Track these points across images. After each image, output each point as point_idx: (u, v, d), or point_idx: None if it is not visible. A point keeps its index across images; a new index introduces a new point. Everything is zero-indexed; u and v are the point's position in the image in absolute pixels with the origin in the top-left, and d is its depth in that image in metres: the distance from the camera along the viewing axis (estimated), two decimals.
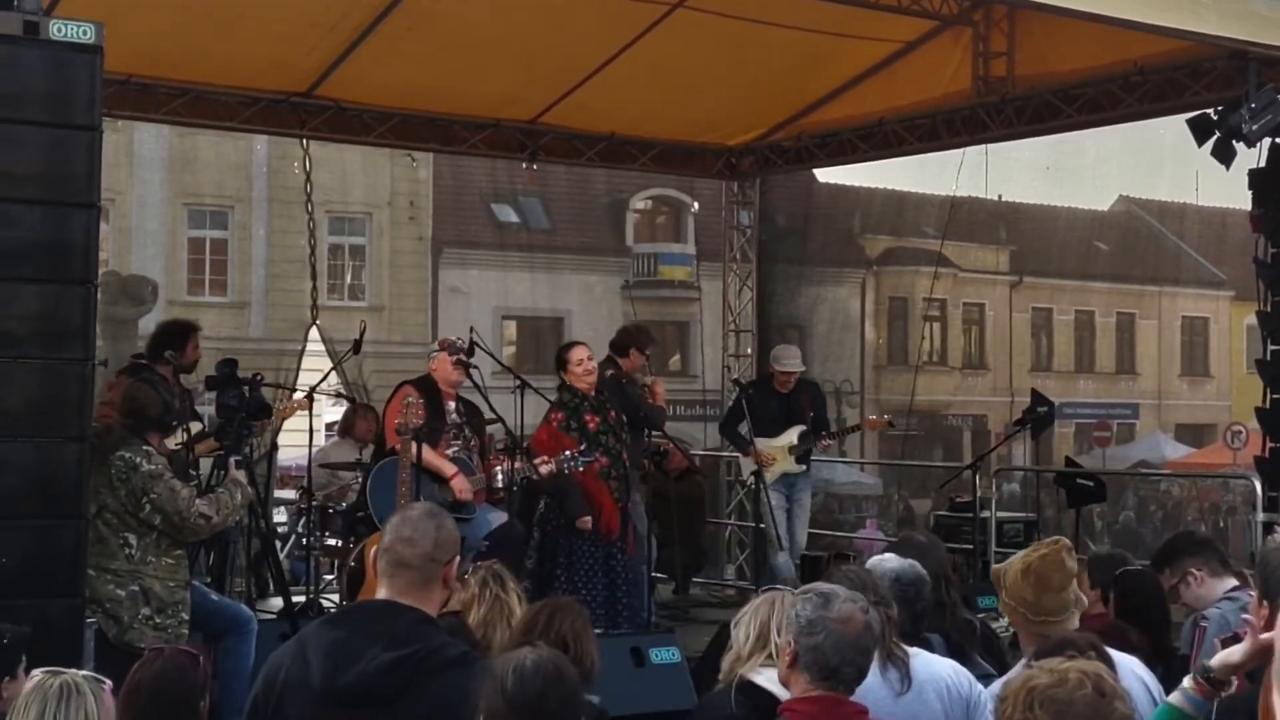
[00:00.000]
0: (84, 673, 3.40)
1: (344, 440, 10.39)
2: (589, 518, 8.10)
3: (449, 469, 7.72)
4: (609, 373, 8.80)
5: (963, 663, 4.38)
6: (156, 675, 3.97)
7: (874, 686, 3.83)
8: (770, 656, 3.90)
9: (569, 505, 8.14)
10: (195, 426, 7.74)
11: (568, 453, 7.91)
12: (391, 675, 3.33)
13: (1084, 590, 4.99)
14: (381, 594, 3.52)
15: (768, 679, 3.85)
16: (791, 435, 9.77)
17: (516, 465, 7.87)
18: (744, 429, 9.90)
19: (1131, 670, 4.16)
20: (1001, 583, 4.54)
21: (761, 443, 9.79)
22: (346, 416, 10.53)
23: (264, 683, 3.53)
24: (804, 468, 9.84)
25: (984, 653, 4.96)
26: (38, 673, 3.38)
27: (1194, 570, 5.33)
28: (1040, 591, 4.41)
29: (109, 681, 3.46)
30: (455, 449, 7.85)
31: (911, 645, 4.20)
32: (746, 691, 3.88)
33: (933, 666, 4.16)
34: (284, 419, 8.67)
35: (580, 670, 3.81)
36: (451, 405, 7.98)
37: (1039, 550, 4.54)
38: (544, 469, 7.89)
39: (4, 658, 4.30)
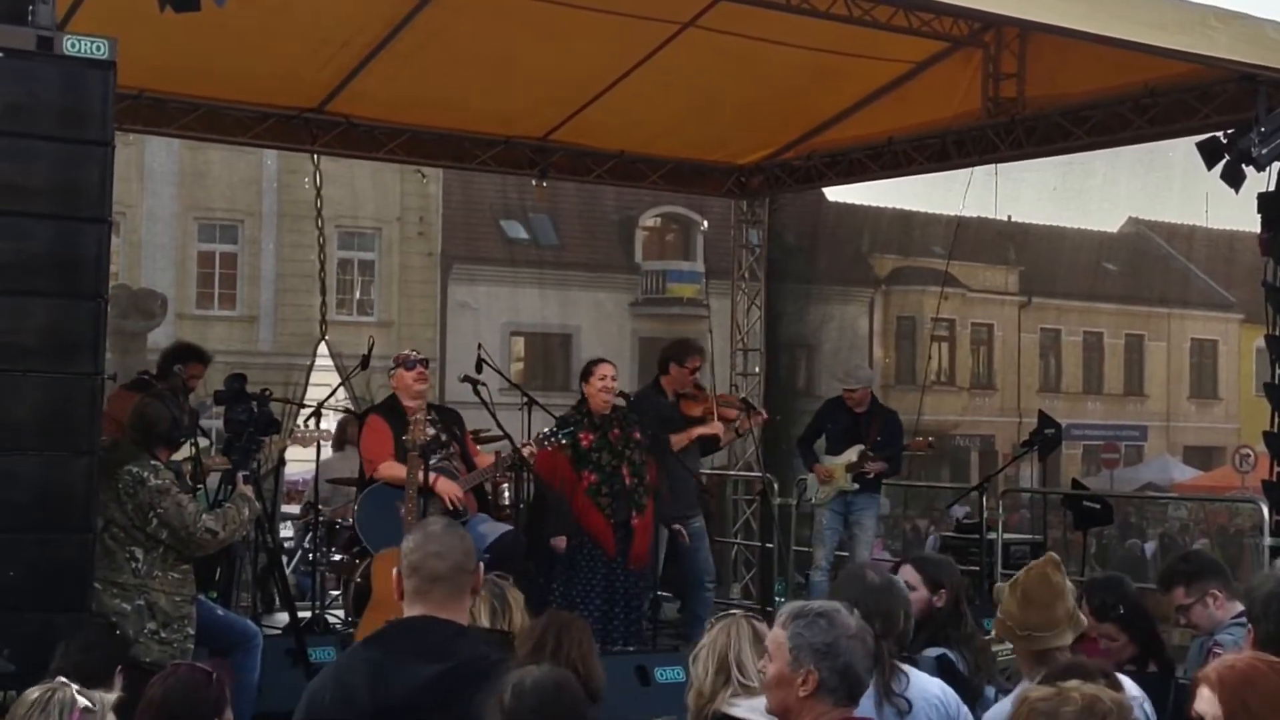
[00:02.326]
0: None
1: (345, 452, 10.38)
2: (563, 539, 8.12)
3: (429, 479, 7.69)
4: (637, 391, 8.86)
5: (956, 681, 4.37)
6: (173, 690, 3.97)
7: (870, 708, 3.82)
8: (737, 686, 3.85)
9: (549, 523, 8.16)
10: (202, 443, 7.75)
11: (545, 430, 7.96)
12: (436, 688, 3.37)
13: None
14: (415, 610, 3.55)
15: (748, 709, 3.81)
16: (851, 454, 9.78)
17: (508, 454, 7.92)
18: (819, 446, 9.99)
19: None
20: (998, 599, 4.55)
21: (827, 459, 9.88)
22: (343, 428, 10.52)
23: (307, 712, 3.55)
24: (858, 486, 9.80)
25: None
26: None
27: (1216, 591, 5.29)
28: (1025, 606, 4.41)
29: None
30: (438, 458, 7.82)
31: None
32: None
33: (923, 685, 4.15)
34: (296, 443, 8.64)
35: (588, 690, 3.81)
36: (422, 418, 7.95)
37: (1028, 567, 4.55)
38: (526, 451, 7.90)
39: None
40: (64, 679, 3.35)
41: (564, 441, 8.04)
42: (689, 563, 9.19)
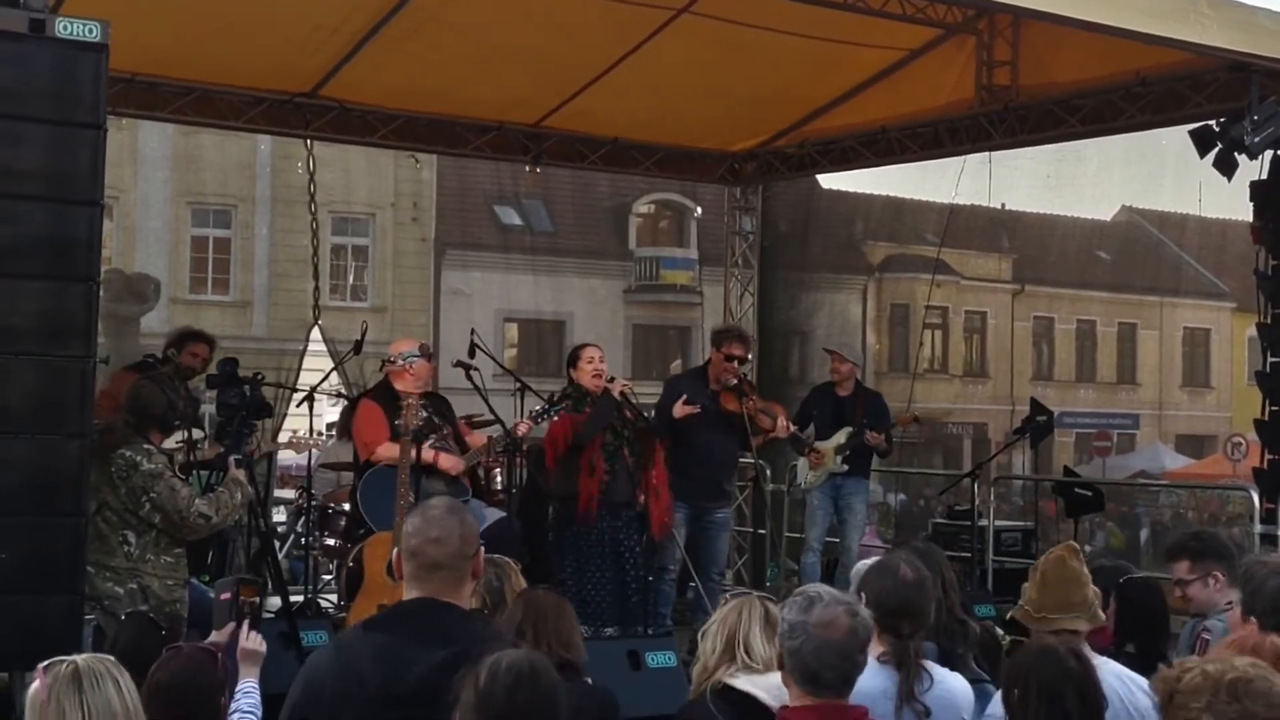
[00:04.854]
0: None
1: (346, 441, 10.37)
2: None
3: (428, 454, 7.72)
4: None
5: (952, 667, 4.38)
6: (176, 673, 3.99)
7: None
8: (741, 665, 3.88)
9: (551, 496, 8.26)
10: (195, 434, 7.73)
11: (538, 406, 7.99)
12: (450, 673, 3.31)
13: None
14: (414, 594, 3.52)
15: (748, 682, 3.83)
16: (840, 436, 9.82)
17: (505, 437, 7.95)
18: (808, 432, 10.00)
19: (1111, 672, 4.15)
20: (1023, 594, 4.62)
21: (816, 444, 9.91)
22: (347, 416, 10.51)
23: (305, 694, 3.49)
24: (847, 468, 9.82)
25: (981, 658, 4.97)
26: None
27: (1219, 573, 5.31)
28: (1042, 589, 4.48)
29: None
30: (432, 440, 7.83)
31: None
32: (726, 697, 3.84)
33: (947, 684, 4.14)
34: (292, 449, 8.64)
35: (573, 666, 3.83)
36: (415, 403, 7.97)
37: (1048, 552, 4.64)
38: (521, 428, 7.92)
39: None
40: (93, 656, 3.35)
41: (555, 418, 8.04)
42: (703, 551, 9.17)
